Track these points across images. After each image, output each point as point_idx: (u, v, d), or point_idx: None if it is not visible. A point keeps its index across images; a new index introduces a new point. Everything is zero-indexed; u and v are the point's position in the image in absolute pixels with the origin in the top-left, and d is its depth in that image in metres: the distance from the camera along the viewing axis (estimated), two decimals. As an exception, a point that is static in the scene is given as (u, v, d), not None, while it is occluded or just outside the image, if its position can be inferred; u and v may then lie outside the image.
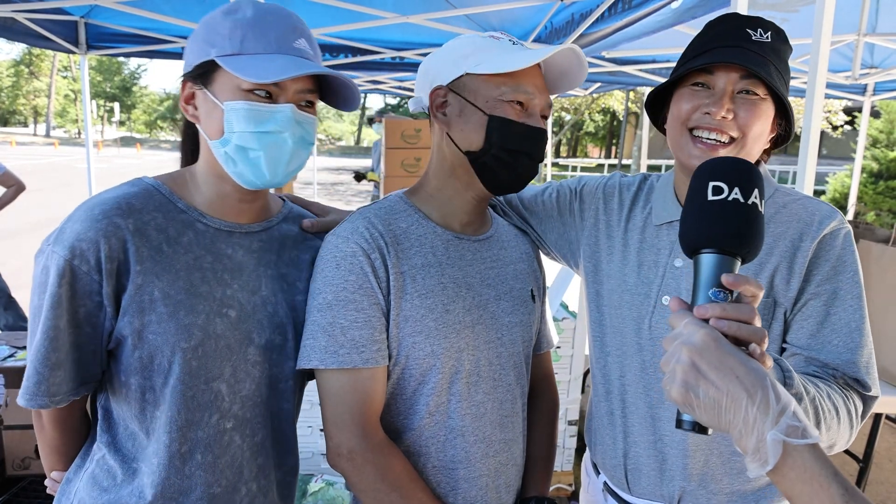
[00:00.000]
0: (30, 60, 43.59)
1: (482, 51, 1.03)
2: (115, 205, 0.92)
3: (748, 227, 0.71)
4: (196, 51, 0.95)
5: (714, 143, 1.02)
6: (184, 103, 0.99)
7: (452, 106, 1.05)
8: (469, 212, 1.11)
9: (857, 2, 3.80)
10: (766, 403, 0.61)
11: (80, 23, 4.56)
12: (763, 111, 1.02)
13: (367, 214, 1.05)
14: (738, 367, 0.63)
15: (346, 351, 0.97)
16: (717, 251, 0.71)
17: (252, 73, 0.89)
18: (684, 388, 0.65)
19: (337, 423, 0.99)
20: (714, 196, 0.73)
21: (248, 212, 1.05)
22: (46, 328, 0.89)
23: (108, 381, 0.98)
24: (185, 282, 0.94)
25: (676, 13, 3.23)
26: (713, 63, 1.00)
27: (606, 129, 37.91)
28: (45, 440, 1.03)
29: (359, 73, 6.65)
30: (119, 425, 0.99)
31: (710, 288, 0.70)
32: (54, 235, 0.90)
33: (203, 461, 0.97)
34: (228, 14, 0.94)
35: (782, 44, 1.04)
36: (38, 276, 0.91)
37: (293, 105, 0.94)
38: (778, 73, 1.02)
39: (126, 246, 0.90)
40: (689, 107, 1.04)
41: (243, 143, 0.93)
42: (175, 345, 0.92)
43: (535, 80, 1.04)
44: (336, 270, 0.99)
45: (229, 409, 0.99)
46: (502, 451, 1.10)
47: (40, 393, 0.90)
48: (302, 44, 0.96)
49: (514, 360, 1.12)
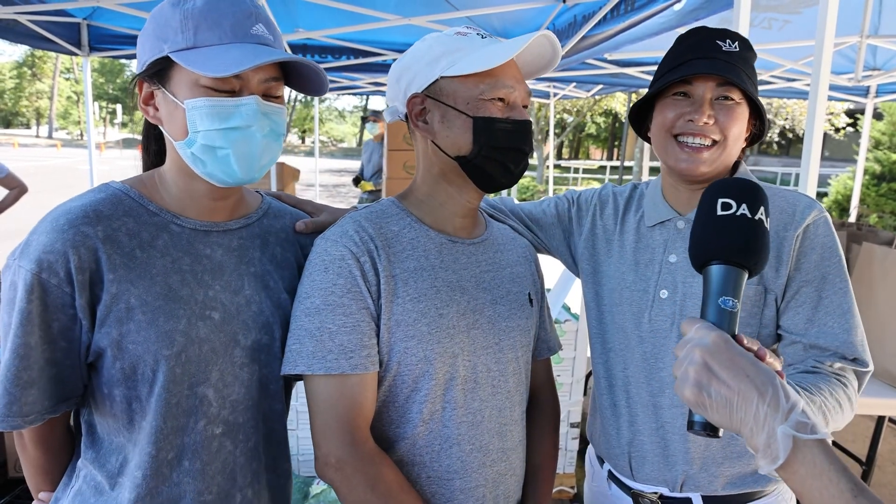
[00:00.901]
0: (32, 62, 43.69)
1: (453, 51, 0.99)
2: (81, 213, 0.88)
3: (756, 240, 0.75)
4: (148, 48, 0.90)
5: (699, 147, 1.12)
6: (143, 105, 0.94)
7: (432, 113, 1.02)
8: (463, 215, 1.09)
9: (859, 4, 3.79)
10: (776, 401, 0.63)
11: (83, 25, 4.57)
12: (739, 114, 1.12)
13: (358, 218, 1.03)
14: (748, 366, 0.65)
15: (334, 356, 0.94)
16: (725, 263, 0.74)
17: (209, 67, 0.84)
18: (697, 387, 0.66)
19: (324, 431, 0.95)
20: (723, 211, 0.77)
21: (224, 209, 1.01)
22: (16, 346, 0.84)
23: (90, 395, 0.94)
24: (163, 286, 0.90)
25: (679, 15, 3.23)
26: (692, 74, 1.09)
27: (608, 131, 37.90)
28: (29, 460, 0.99)
29: (361, 75, 6.67)
30: (104, 440, 0.95)
31: (719, 297, 0.73)
32: (20, 249, 0.86)
33: (191, 468, 0.94)
34: (177, 5, 0.88)
35: (748, 52, 1.14)
36: (5, 292, 0.87)
37: (257, 96, 0.89)
38: (748, 79, 1.12)
39: (97, 255, 0.86)
40: (672, 115, 1.13)
41: (209, 141, 0.88)
42: (157, 352, 0.88)
43: (512, 71, 1.01)
44: (324, 274, 0.97)
45: (218, 415, 0.95)
46: (500, 460, 1.06)
47: (12, 414, 0.86)
48: (259, 29, 0.90)
49: (512, 366, 1.09)
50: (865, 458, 2.83)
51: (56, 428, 0.97)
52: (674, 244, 1.19)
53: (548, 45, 1.02)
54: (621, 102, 19.79)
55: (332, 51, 5.08)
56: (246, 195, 1.08)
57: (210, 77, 0.85)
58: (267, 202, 1.11)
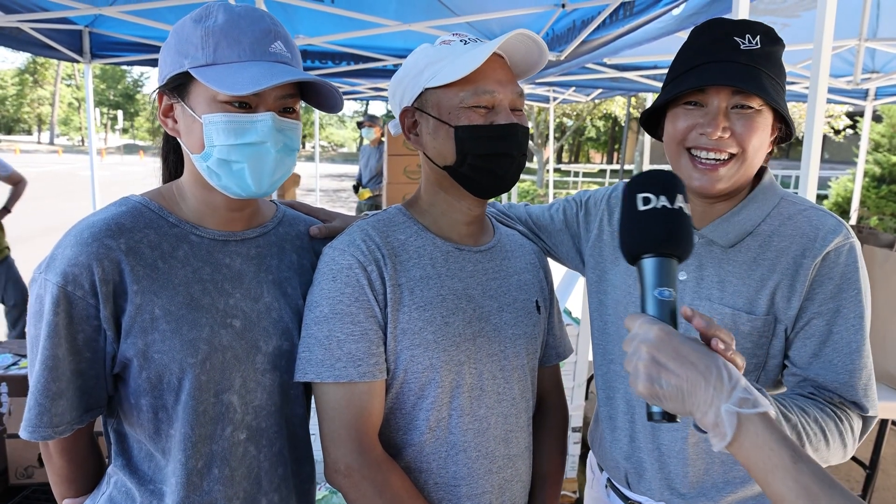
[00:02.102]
0: (34, 69, 43.82)
1: (435, 62, 1.00)
2: (104, 226, 0.90)
3: (679, 228, 0.78)
4: (169, 62, 0.92)
5: (714, 163, 1.02)
6: (162, 116, 0.96)
7: (422, 125, 1.03)
8: (466, 222, 1.09)
9: (857, 7, 3.80)
10: (720, 382, 0.67)
11: (85, 32, 4.59)
12: (759, 123, 1.01)
13: (365, 227, 1.04)
14: (691, 354, 0.69)
15: (342, 364, 0.95)
16: (655, 255, 0.78)
17: (227, 84, 0.86)
18: (649, 381, 0.71)
19: (333, 438, 0.97)
20: (644, 206, 0.79)
21: (241, 219, 1.03)
22: (45, 357, 0.86)
23: (118, 405, 0.96)
24: (185, 296, 0.92)
25: (678, 20, 3.23)
26: (706, 84, 1.00)
27: (608, 135, 37.94)
28: (54, 469, 1.01)
29: (361, 81, 6.67)
30: (134, 447, 0.97)
31: (655, 289, 0.77)
32: (45, 263, 0.89)
33: (220, 475, 0.95)
34: (199, 21, 0.90)
35: (773, 45, 1.02)
36: (32, 305, 0.89)
37: (273, 113, 0.91)
38: (771, 79, 1.01)
39: (120, 267, 0.89)
40: (684, 126, 1.04)
41: (225, 156, 0.90)
42: (182, 361, 0.90)
43: (494, 74, 0.99)
44: (332, 283, 0.98)
45: (242, 420, 0.97)
46: (506, 466, 1.07)
47: (42, 424, 0.88)
48: (278, 47, 0.91)
49: (518, 374, 1.09)
50: (869, 462, 2.82)
51: (81, 438, 0.99)
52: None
53: (530, 42, 1.00)
54: (621, 106, 19.82)
55: (333, 56, 5.09)
56: (261, 205, 1.10)
57: (228, 94, 0.87)
58: (281, 210, 1.13)
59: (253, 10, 0.92)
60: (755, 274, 1.04)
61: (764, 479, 0.65)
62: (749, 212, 1.08)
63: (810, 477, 0.62)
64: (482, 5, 3.88)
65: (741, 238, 1.07)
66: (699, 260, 1.09)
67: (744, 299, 1.04)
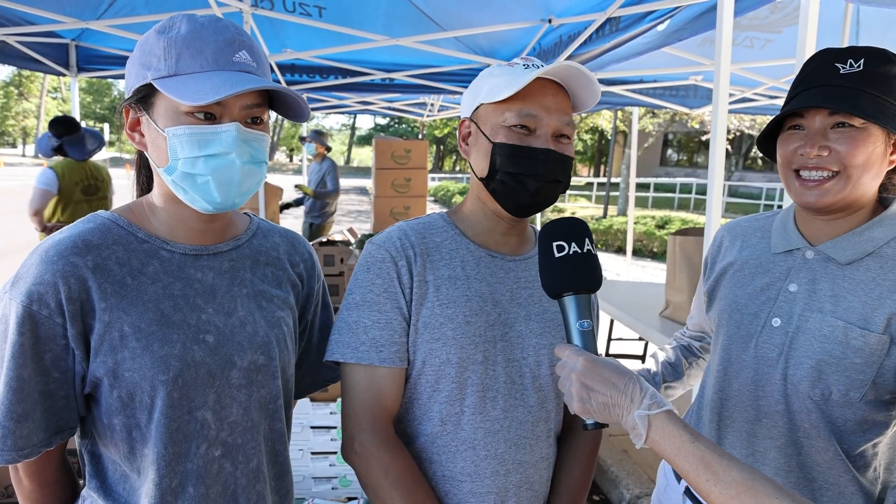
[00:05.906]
0: (19, 82, 43.53)
1: (493, 78, 1.05)
2: (70, 244, 0.88)
3: (589, 270, 0.92)
4: (134, 74, 0.90)
5: (818, 180, 1.08)
6: (129, 131, 0.94)
7: (472, 136, 1.10)
8: (501, 232, 1.12)
9: (838, 23, 3.88)
10: (636, 395, 0.83)
11: (72, 46, 4.58)
12: (862, 140, 1.04)
13: (405, 227, 1.11)
14: (612, 376, 0.85)
15: (365, 348, 1.03)
16: (574, 293, 0.91)
17: (187, 94, 0.84)
18: (581, 402, 0.86)
19: (350, 416, 1.03)
20: (559, 253, 0.92)
21: (212, 232, 1.00)
22: (9, 378, 0.84)
23: (91, 426, 0.94)
24: (156, 312, 0.91)
25: (663, 35, 3.28)
26: (799, 108, 1.07)
27: (595, 149, 38.26)
28: (24, 493, 0.97)
29: (349, 94, 6.71)
30: (109, 468, 0.95)
31: (577, 321, 0.91)
32: (10, 282, 0.87)
33: (196, 493, 0.93)
34: (162, 33, 0.88)
35: (879, 66, 1.05)
36: None
37: (238, 123, 0.88)
38: (874, 97, 1.03)
39: (87, 284, 0.87)
40: (789, 150, 1.12)
41: (189, 169, 0.88)
42: (154, 378, 0.88)
43: (542, 100, 1.02)
44: (366, 274, 1.06)
45: (216, 437, 0.95)
46: (515, 471, 1.07)
47: (6, 448, 0.85)
48: (242, 56, 0.90)
49: (538, 383, 1.10)
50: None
51: (51, 461, 0.96)
52: (798, 273, 1.15)
53: (577, 73, 1.01)
54: (607, 120, 20.01)
55: (321, 70, 5.12)
56: (234, 217, 1.08)
57: (189, 105, 0.85)
58: (255, 222, 1.12)
59: (217, 21, 0.90)
60: (873, 293, 1.06)
61: (674, 462, 0.78)
62: (873, 233, 1.10)
63: (706, 451, 0.76)
64: (469, 20, 3.91)
65: (860, 257, 1.09)
66: (812, 274, 1.13)
67: (857, 315, 1.06)
